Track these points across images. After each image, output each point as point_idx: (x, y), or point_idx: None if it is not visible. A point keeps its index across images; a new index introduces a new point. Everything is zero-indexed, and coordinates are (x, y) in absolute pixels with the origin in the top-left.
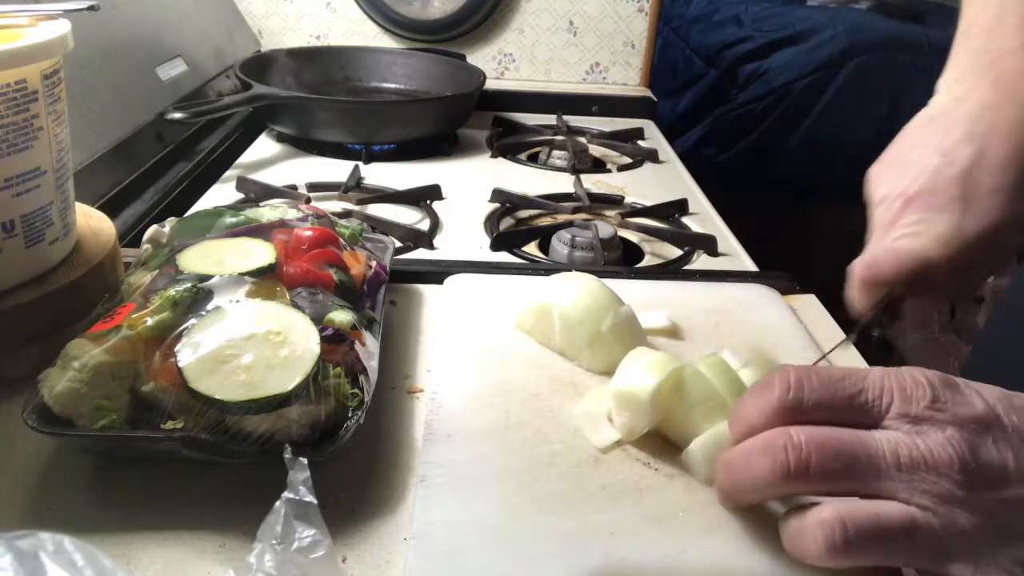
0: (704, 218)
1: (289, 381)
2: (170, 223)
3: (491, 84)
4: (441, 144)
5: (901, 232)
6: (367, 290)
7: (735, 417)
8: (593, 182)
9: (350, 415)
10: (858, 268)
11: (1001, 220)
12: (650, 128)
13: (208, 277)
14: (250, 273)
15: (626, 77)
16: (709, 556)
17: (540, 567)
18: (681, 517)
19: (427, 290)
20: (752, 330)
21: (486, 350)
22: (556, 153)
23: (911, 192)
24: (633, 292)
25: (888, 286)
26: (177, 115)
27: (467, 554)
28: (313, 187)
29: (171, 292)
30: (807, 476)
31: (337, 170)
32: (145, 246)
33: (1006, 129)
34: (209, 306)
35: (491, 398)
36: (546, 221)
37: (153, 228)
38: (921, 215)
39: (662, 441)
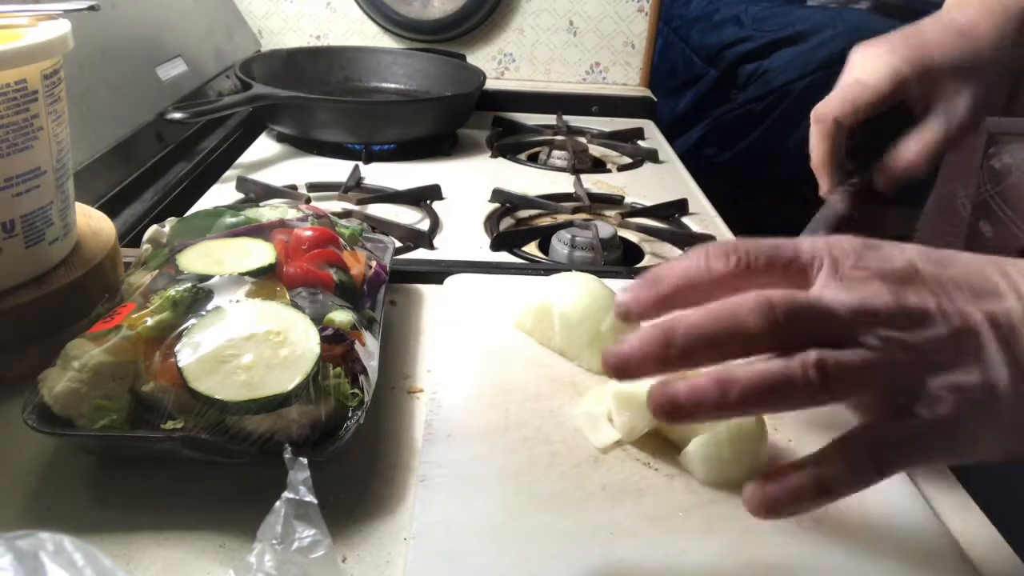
0: (704, 218)
1: (289, 381)
2: (170, 223)
3: (491, 84)
4: (441, 144)
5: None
6: (367, 290)
7: (678, 270)
8: (593, 182)
9: (350, 415)
10: (812, 113)
11: (932, 54)
12: (650, 128)
13: (208, 277)
14: (250, 273)
15: (626, 77)
16: (709, 556)
17: (540, 567)
18: (681, 517)
19: (427, 290)
20: None
21: (486, 350)
22: (556, 153)
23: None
24: None
25: (838, 122)
26: (177, 115)
27: (467, 554)
28: (313, 187)
29: (171, 292)
30: (778, 325)
31: (337, 170)
32: (145, 246)
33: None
34: (209, 306)
35: (491, 398)
36: (546, 221)
37: (153, 228)
38: (861, 57)
39: (662, 441)
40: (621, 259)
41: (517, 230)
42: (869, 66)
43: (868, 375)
